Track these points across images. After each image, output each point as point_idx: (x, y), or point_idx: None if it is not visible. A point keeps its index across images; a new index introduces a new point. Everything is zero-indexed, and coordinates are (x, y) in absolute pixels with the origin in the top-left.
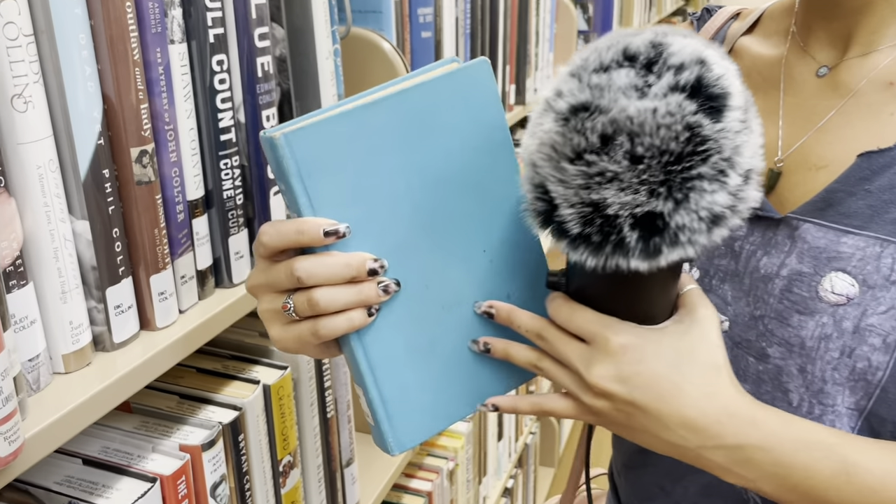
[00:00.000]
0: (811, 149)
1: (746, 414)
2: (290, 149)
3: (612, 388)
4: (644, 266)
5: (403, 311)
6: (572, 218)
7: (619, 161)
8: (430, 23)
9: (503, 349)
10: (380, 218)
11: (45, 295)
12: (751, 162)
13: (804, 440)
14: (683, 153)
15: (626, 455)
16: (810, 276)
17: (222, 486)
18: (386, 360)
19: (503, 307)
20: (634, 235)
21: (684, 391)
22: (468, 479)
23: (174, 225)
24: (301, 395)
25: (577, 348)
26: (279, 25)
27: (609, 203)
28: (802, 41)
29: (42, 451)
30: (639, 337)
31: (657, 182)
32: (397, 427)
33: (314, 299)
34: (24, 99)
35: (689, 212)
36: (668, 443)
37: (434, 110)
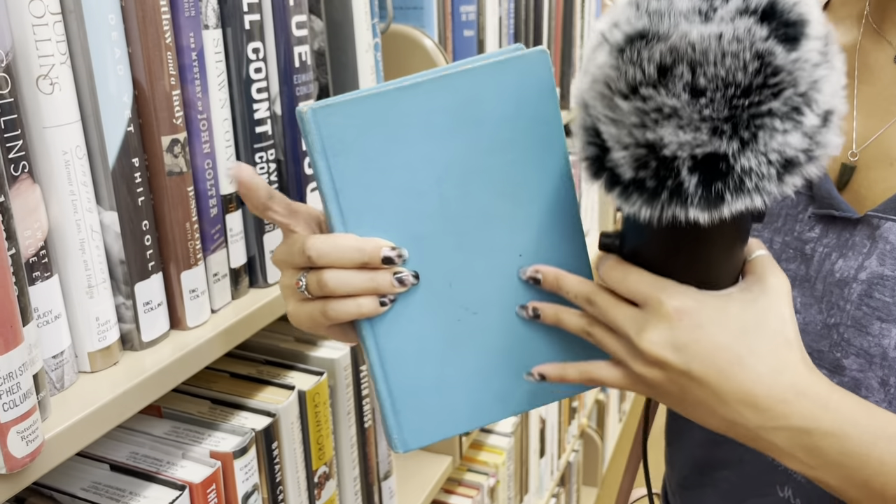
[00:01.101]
0: (891, 141)
1: (819, 395)
2: (317, 125)
3: (666, 355)
4: (704, 217)
5: (422, 306)
6: (625, 161)
7: (679, 94)
8: (472, 21)
9: (553, 314)
10: (405, 207)
11: (70, 289)
12: (831, 102)
13: (886, 432)
14: (752, 85)
15: (682, 474)
16: (894, 279)
17: (254, 495)
18: (398, 355)
19: (550, 271)
20: (694, 180)
21: (747, 364)
22: (509, 497)
23: (206, 219)
24: (338, 403)
25: (629, 312)
26: (318, 18)
27: (666, 143)
28: (877, 25)
29: (63, 454)
30: (698, 301)
31: (721, 118)
32: (404, 425)
33: (323, 280)
34: (51, 80)
35: (756, 154)
36: (725, 419)
37: (479, 99)
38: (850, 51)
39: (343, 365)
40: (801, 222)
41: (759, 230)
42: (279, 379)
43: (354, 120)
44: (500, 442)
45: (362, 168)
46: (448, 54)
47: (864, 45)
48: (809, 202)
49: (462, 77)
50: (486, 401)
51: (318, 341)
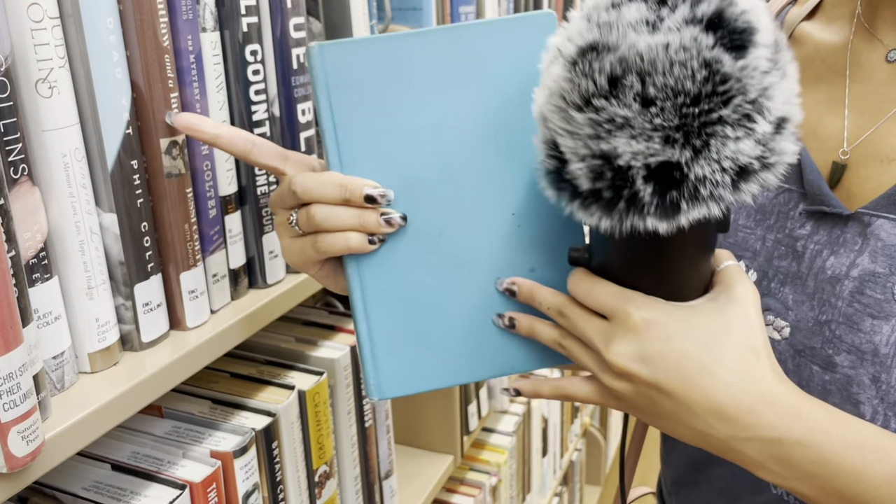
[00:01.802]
0: (882, 139)
1: (789, 404)
2: (322, 61)
3: (633, 367)
4: (662, 226)
5: (410, 253)
6: (582, 173)
7: (630, 104)
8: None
9: (528, 325)
10: (401, 151)
11: (70, 290)
12: (783, 109)
13: (856, 440)
14: (702, 94)
15: (677, 472)
16: (885, 276)
17: (255, 494)
18: (381, 299)
19: (525, 283)
20: (649, 189)
21: (715, 374)
22: (512, 496)
23: (205, 221)
24: (338, 403)
25: (597, 325)
26: (316, 20)
27: (620, 153)
28: (869, 24)
29: (64, 453)
30: (664, 313)
31: (672, 127)
32: (381, 371)
33: (311, 213)
34: (49, 84)
35: (710, 161)
36: (696, 431)
37: (484, 54)
38: (842, 50)
39: (343, 365)
40: (792, 219)
41: (752, 227)
42: (279, 379)
43: (360, 60)
44: (502, 441)
45: (363, 108)
46: None
47: (855, 45)
48: (801, 199)
49: (470, 30)
50: (468, 359)
51: (319, 341)
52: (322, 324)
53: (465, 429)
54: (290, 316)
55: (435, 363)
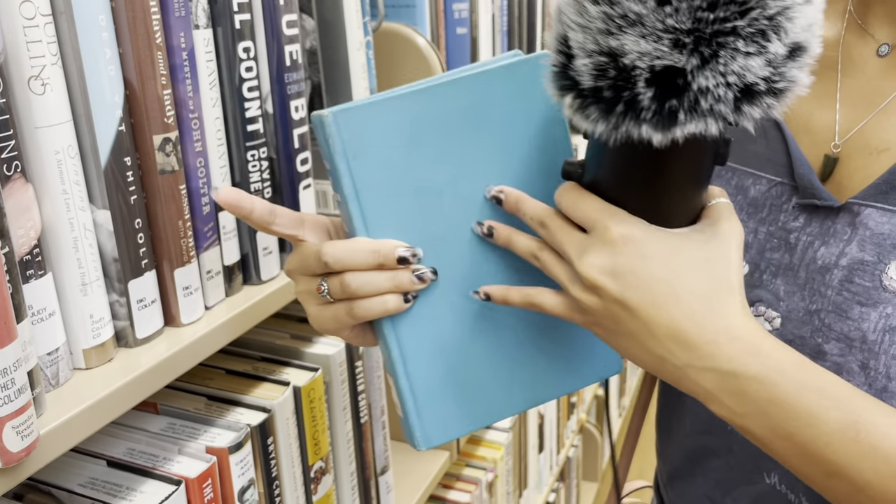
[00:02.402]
0: (872, 132)
1: (752, 340)
2: (338, 128)
3: (602, 280)
4: (657, 137)
5: (440, 303)
6: (586, 69)
7: (645, 1)
8: (465, 19)
9: (506, 235)
10: (421, 206)
11: (64, 286)
12: (801, 35)
13: (816, 384)
14: (719, 0)
15: (673, 465)
16: (873, 264)
17: (250, 490)
18: (419, 352)
19: (512, 192)
20: (649, 93)
21: (683, 301)
22: (508, 492)
23: (199, 217)
24: (333, 399)
25: (576, 237)
26: (309, 17)
27: (627, 51)
28: (860, 19)
29: (59, 449)
30: (644, 232)
31: (684, 31)
32: (426, 422)
33: (346, 282)
34: (42, 81)
35: (715, 73)
36: (654, 355)
37: (488, 101)
38: (834, 45)
39: (338, 361)
40: (785, 212)
41: (745, 220)
42: (274, 375)
43: (373, 123)
44: (498, 437)
45: (381, 170)
46: (441, 52)
47: (847, 39)
48: (793, 192)
49: (473, 80)
50: (501, 396)
51: (314, 338)
52: None
53: None
54: (286, 313)
55: (471, 404)
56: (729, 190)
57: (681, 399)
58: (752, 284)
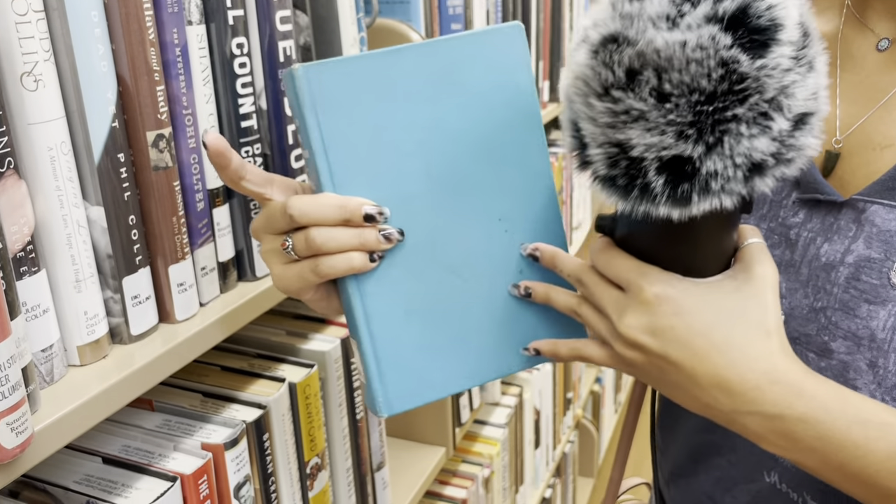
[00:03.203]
0: (874, 127)
1: (793, 382)
2: (308, 82)
3: (643, 339)
4: (675, 214)
5: (407, 266)
6: (599, 158)
7: (646, 98)
8: (459, 15)
9: (544, 293)
10: (390, 166)
11: (58, 283)
12: (806, 105)
13: (860, 418)
14: (717, 92)
15: (676, 463)
16: (881, 261)
17: (246, 486)
18: (383, 315)
19: (547, 249)
20: (661, 180)
21: (722, 351)
22: (504, 488)
23: (193, 214)
24: (329, 395)
25: (613, 295)
26: (303, 13)
27: (634, 144)
28: (859, 14)
29: (54, 445)
30: (677, 289)
31: (686, 123)
32: (389, 387)
33: (311, 237)
34: (35, 77)
35: (722, 157)
36: (701, 402)
37: (460, 67)
38: (832, 39)
39: (334, 357)
40: (785, 208)
41: (745, 216)
42: (270, 372)
43: (344, 79)
44: (494, 433)
45: (350, 127)
46: None
47: (845, 34)
48: (794, 188)
49: (445, 44)
50: (467, 365)
51: (310, 334)
52: (312, 317)
53: (457, 421)
54: (281, 309)
55: (437, 372)
56: None
57: None
58: None
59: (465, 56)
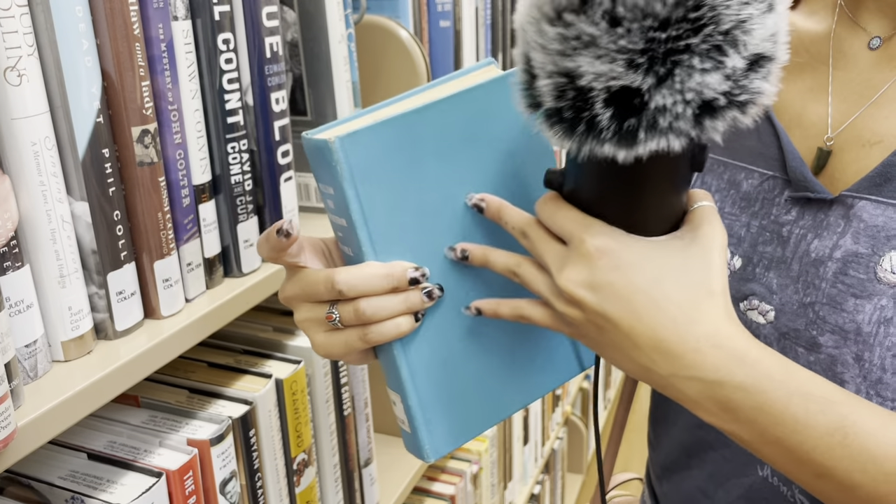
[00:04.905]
0: (864, 124)
1: (735, 348)
2: (345, 153)
3: (581, 294)
4: (621, 154)
5: (443, 317)
6: (547, 89)
7: (598, 22)
8: (448, 12)
9: (482, 254)
10: (423, 224)
11: (42, 278)
12: (762, 46)
13: (802, 390)
14: (671, 18)
15: (668, 458)
16: (868, 256)
17: (232, 482)
18: (425, 366)
19: (493, 200)
20: (607, 114)
21: (663, 310)
22: (493, 484)
23: (179, 209)
24: (316, 392)
25: (555, 248)
26: (290, 9)
27: (583, 72)
28: (851, 13)
29: (37, 441)
30: (621, 243)
31: (637, 51)
32: (434, 433)
33: (361, 310)
34: (18, 72)
35: (672, 91)
36: (639, 364)
37: (479, 117)
38: (825, 38)
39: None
40: (777, 206)
41: (737, 214)
42: (256, 368)
43: (376, 146)
44: None
45: (385, 192)
46: (424, 46)
47: (838, 32)
48: (785, 186)
49: (465, 96)
50: (498, 399)
51: (296, 330)
52: None
53: None
54: (268, 306)
55: (473, 410)
56: (721, 184)
57: None
58: (745, 278)
59: (482, 104)
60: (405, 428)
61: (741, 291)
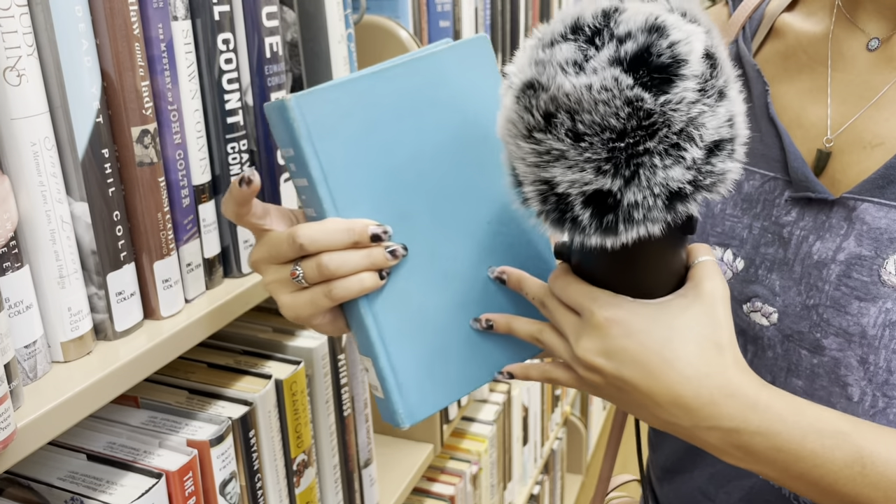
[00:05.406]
0: (865, 126)
1: (747, 396)
2: (301, 112)
3: (598, 362)
4: (608, 242)
5: (411, 278)
6: (532, 195)
7: (563, 139)
8: (448, 12)
9: (506, 324)
10: (385, 184)
11: (41, 279)
12: (718, 132)
13: (815, 427)
14: (627, 129)
15: (670, 459)
16: (871, 259)
17: (232, 483)
18: (395, 329)
19: (514, 272)
20: (587, 213)
21: (676, 368)
22: (492, 485)
23: (179, 210)
24: (316, 392)
25: (571, 319)
26: (290, 9)
27: (559, 181)
28: (849, 14)
29: (37, 442)
30: (627, 311)
31: (602, 159)
32: (408, 398)
33: (323, 264)
34: (18, 72)
35: (640, 189)
36: (662, 420)
37: (437, 82)
38: (823, 40)
39: (321, 354)
40: (778, 207)
41: (738, 216)
42: (256, 368)
43: (334, 105)
44: (482, 430)
45: (344, 151)
46: (424, 45)
47: (836, 34)
48: (786, 187)
49: (421, 62)
50: (472, 366)
51: (296, 331)
52: None
53: (444, 418)
54: (267, 306)
55: (447, 375)
56: None
57: None
58: (747, 280)
59: (440, 71)
60: (378, 394)
61: (744, 293)
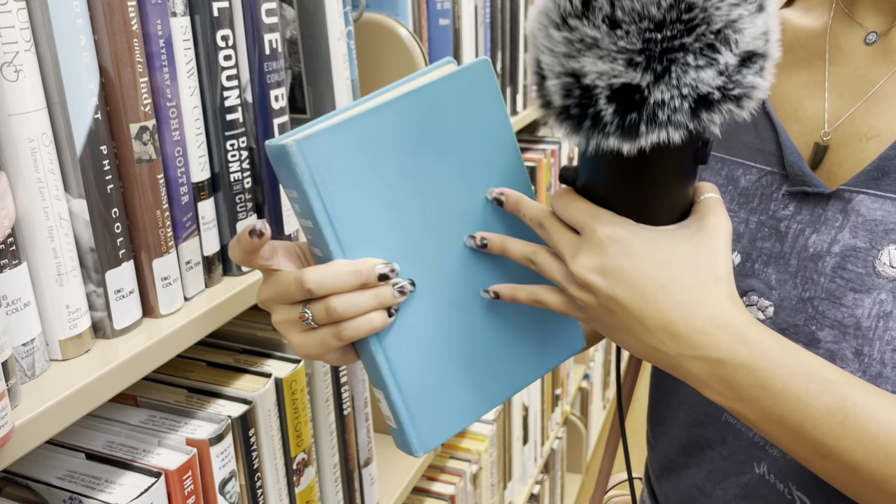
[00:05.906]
0: (861, 119)
1: (737, 328)
2: (303, 155)
3: (593, 279)
4: (625, 146)
5: (419, 311)
6: (555, 89)
7: (599, 26)
8: (448, 10)
9: (500, 243)
10: (390, 219)
11: (39, 276)
12: (754, 44)
13: (803, 370)
14: (665, 20)
15: (667, 457)
16: (866, 250)
17: (232, 482)
18: (406, 361)
19: (512, 193)
20: (610, 109)
21: (670, 294)
22: (492, 484)
23: (178, 207)
24: (316, 391)
25: (569, 237)
26: (289, 6)
27: (587, 72)
28: (847, 8)
29: (35, 441)
30: (629, 231)
31: (636, 50)
32: (420, 427)
33: (332, 307)
34: (15, 67)
35: (669, 87)
36: (648, 345)
37: (438, 112)
38: (822, 34)
39: None
40: (775, 201)
41: (736, 210)
42: (256, 367)
43: (336, 147)
44: (482, 429)
45: (347, 191)
46: (423, 44)
47: (834, 28)
48: (783, 181)
49: (421, 93)
50: (483, 390)
51: None
52: None
53: None
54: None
55: (458, 402)
56: (720, 181)
57: (675, 391)
58: (744, 274)
59: (440, 99)
60: (392, 424)
61: (740, 287)
